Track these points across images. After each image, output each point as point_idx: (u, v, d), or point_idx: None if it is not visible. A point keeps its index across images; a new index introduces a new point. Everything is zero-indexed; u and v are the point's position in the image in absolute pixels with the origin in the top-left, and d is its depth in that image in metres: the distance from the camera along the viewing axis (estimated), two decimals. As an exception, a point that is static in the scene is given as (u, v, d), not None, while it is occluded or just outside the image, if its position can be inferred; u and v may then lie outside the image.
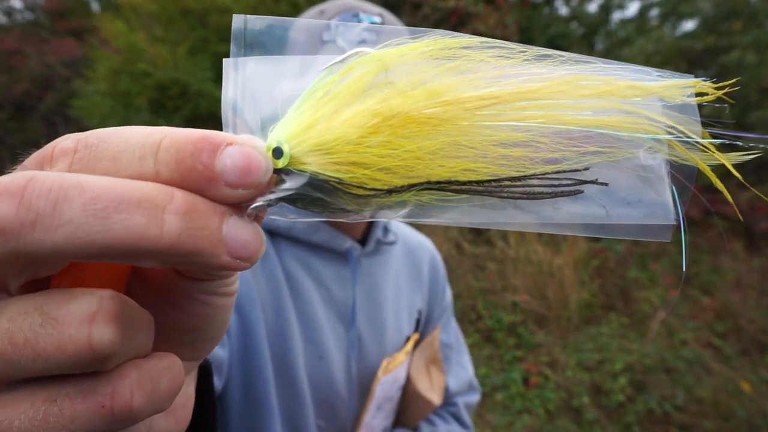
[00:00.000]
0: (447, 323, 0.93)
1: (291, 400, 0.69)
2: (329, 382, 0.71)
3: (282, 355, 0.68)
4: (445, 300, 0.92)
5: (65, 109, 5.67)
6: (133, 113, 4.19)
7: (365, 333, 0.75)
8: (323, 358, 0.71)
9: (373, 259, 0.78)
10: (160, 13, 4.27)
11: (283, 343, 0.69)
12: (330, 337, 0.72)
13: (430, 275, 0.88)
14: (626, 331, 3.19)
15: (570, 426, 2.53)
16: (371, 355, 0.75)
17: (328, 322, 0.72)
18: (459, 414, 0.88)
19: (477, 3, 4.85)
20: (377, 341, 0.75)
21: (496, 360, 3.04)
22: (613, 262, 3.74)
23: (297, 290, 0.71)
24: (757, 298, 3.22)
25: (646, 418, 2.57)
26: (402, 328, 0.80)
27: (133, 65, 4.12)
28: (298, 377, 0.69)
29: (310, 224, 0.72)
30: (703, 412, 2.51)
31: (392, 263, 0.81)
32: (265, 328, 0.68)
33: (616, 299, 3.59)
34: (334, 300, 0.73)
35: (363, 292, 0.75)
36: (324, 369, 0.71)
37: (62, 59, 5.59)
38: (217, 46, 4.22)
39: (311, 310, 0.71)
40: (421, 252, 0.87)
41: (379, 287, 0.77)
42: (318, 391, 0.71)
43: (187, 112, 4.24)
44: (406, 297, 0.82)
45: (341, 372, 0.72)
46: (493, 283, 3.60)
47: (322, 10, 0.65)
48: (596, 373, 2.79)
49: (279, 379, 0.69)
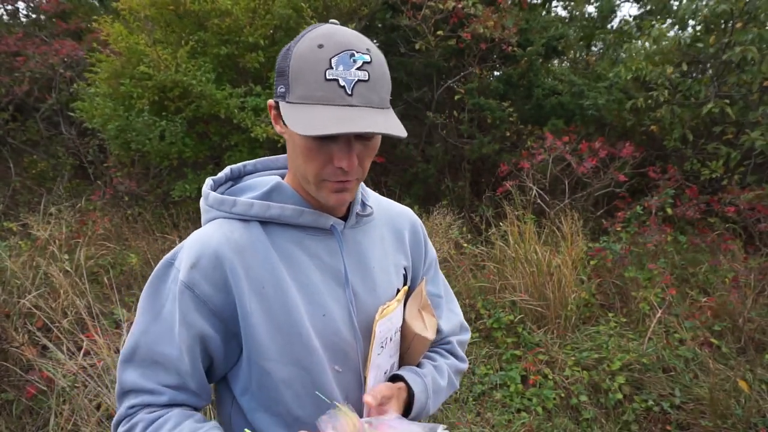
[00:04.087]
0: (434, 277, 1.06)
1: (306, 357, 0.82)
2: (336, 333, 0.84)
3: (290, 322, 0.81)
4: (428, 257, 1.05)
5: (67, 111, 5.69)
6: (135, 115, 4.21)
7: (359, 290, 0.88)
8: (326, 315, 0.84)
9: (357, 230, 0.91)
10: (157, 17, 4.29)
11: (288, 312, 0.81)
12: (329, 297, 0.85)
13: (410, 238, 1.01)
14: (624, 331, 3.20)
15: (568, 424, 2.55)
16: (368, 306, 0.88)
17: (325, 285, 0.85)
18: (454, 350, 1.04)
19: (476, 4, 4.87)
20: (371, 295, 0.89)
21: (494, 359, 3.06)
22: (610, 262, 3.75)
23: (293, 265, 0.83)
24: (754, 298, 3.24)
25: (644, 416, 2.59)
26: (391, 282, 0.93)
27: (134, 68, 4.14)
28: (307, 336, 0.81)
29: (295, 210, 0.83)
30: (700, 410, 2.52)
31: (376, 230, 0.95)
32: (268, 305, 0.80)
33: (614, 299, 3.60)
34: (327, 267, 0.85)
35: (351, 258, 0.88)
36: (329, 323, 0.84)
37: (64, 60, 5.61)
38: (218, 49, 4.24)
39: (309, 278, 0.83)
40: (401, 219, 1.01)
41: (365, 252, 0.91)
42: (328, 343, 0.84)
43: (189, 113, 4.26)
44: (391, 257, 0.96)
45: (345, 323, 0.85)
46: (492, 283, 3.61)
47: (320, 44, 0.72)
48: (594, 372, 2.80)
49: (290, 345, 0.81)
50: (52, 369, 2.42)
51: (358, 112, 0.70)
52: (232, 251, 0.80)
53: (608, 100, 5.13)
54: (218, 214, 0.84)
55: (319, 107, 0.70)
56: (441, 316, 1.03)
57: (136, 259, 3.83)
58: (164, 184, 5.02)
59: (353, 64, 0.70)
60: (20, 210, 4.89)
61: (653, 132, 5.09)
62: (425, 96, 5.56)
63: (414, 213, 1.06)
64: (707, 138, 4.85)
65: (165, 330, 0.79)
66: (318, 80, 0.70)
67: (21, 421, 2.48)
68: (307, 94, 0.71)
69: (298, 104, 0.72)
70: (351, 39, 0.73)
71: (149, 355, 0.80)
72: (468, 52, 5.26)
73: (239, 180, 0.92)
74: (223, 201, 0.84)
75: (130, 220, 4.73)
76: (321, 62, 0.70)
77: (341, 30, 0.74)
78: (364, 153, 0.78)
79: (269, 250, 0.82)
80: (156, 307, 0.81)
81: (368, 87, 0.72)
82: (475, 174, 5.70)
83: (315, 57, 0.71)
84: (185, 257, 0.80)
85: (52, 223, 4.15)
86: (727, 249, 3.91)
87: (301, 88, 0.72)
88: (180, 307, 0.78)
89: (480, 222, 4.62)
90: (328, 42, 0.71)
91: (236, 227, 0.82)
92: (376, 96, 0.73)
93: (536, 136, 5.17)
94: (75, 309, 2.88)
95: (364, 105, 0.71)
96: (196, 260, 0.79)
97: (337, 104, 0.70)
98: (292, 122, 0.71)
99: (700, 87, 4.68)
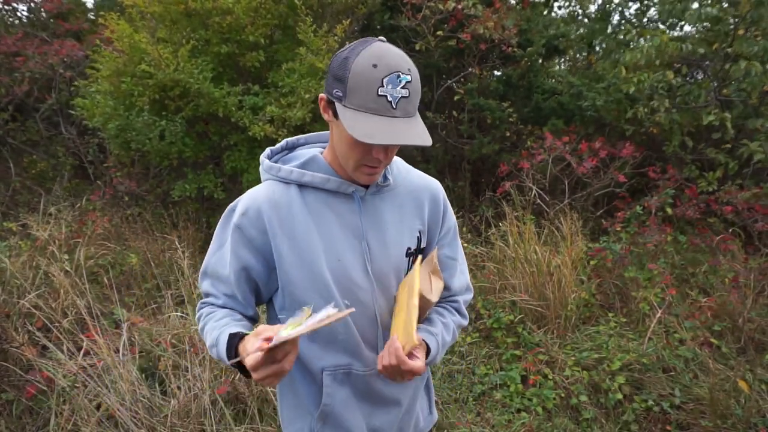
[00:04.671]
0: (452, 242, 1.24)
1: (322, 288, 1.06)
2: (348, 277, 1.07)
3: (311, 261, 1.05)
4: (446, 225, 1.22)
5: (67, 110, 5.69)
6: (135, 114, 4.21)
7: (373, 244, 1.09)
8: (341, 261, 1.06)
9: (377, 197, 1.11)
10: (164, 15, 4.29)
11: (311, 253, 1.05)
12: (346, 247, 1.07)
13: (429, 206, 1.18)
14: (624, 331, 3.20)
15: (568, 424, 2.55)
16: (379, 259, 1.10)
17: (343, 237, 1.07)
18: (460, 308, 1.23)
19: (476, 5, 4.87)
20: (382, 249, 1.10)
21: (494, 359, 3.06)
22: (610, 262, 3.75)
23: (319, 219, 1.06)
24: (754, 298, 3.24)
25: (644, 416, 2.59)
26: (402, 242, 1.13)
27: (135, 66, 4.14)
28: (323, 274, 1.05)
29: (323, 178, 1.06)
30: (700, 410, 2.52)
31: (398, 198, 1.14)
32: (296, 247, 1.05)
33: (614, 299, 3.60)
34: (348, 224, 1.08)
35: (369, 218, 1.09)
36: (343, 267, 1.07)
37: (64, 60, 5.61)
38: (219, 47, 4.24)
39: (330, 230, 1.07)
40: (423, 190, 1.18)
41: (382, 214, 1.11)
42: (340, 283, 1.07)
43: (188, 113, 4.26)
44: (408, 221, 1.14)
45: (358, 270, 1.08)
46: (491, 283, 3.61)
47: (375, 64, 0.90)
48: (594, 372, 2.80)
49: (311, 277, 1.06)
50: (52, 369, 2.42)
51: (399, 123, 0.91)
52: (271, 207, 1.05)
53: (607, 100, 5.13)
54: (268, 177, 1.10)
55: (370, 116, 0.90)
56: (453, 275, 1.22)
57: (136, 259, 3.83)
58: (164, 184, 5.02)
59: (399, 83, 0.90)
60: (20, 210, 4.89)
61: (653, 133, 5.09)
62: (425, 96, 5.56)
63: (439, 185, 1.22)
64: (707, 141, 4.84)
65: (223, 257, 1.10)
66: (372, 95, 0.90)
67: (21, 421, 2.48)
68: (362, 104, 0.91)
69: (354, 110, 0.91)
70: (399, 61, 0.92)
71: (213, 272, 1.12)
72: (468, 53, 5.26)
73: (293, 150, 1.17)
74: (271, 167, 1.10)
75: (130, 220, 4.73)
76: (375, 81, 0.89)
77: (391, 51, 0.92)
78: (393, 148, 1.00)
79: (302, 207, 1.06)
80: (221, 240, 1.11)
81: (408, 101, 0.92)
82: (475, 174, 5.70)
83: (371, 75, 0.90)
84: (240, 206, 1.08)
85: (52, 223, 4.15)
86: (727, 249, 3.91)
87: (358, 99, 0.91)
88: (232, 242, 1.07)
89: (480, 222, 4.62)
90: (380, 63, 0.90)
91: (278, 188, 1.07)
92: (412, 107, 0.94)
93: (536, 136, 5.17)
94: (75, 309, 2.88)
95: (404, 116, 0.92)
96: (246, 210, 1.06)
97: (384, 115, 0.91)
98: (350, 126, 0.90)
99: (699, 91, 4.67)
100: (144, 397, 2.32)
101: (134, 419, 2.23)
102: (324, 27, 4.44)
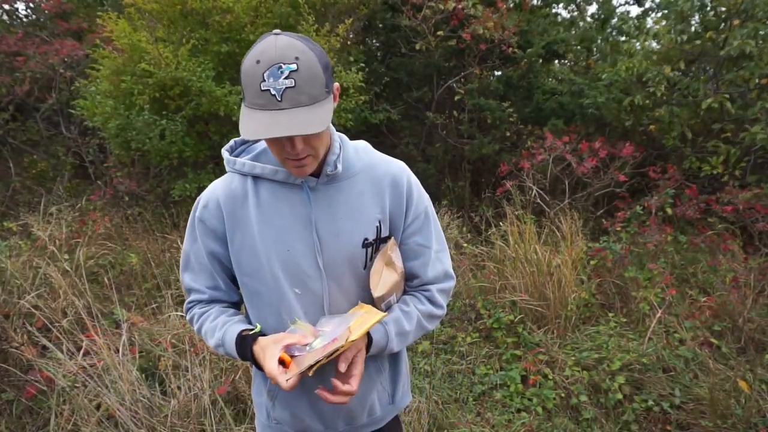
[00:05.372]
0: (423, 227, 1.19)
1: (270, 279, 1.10)
2: (297, 265, 1.09)
3: (260, 251, 1.09)
4: (413, 210, 1.17)
5: (67, 110, 5.69)
6: (135, 114, 4.21)
7: (323, 234, 1.09)
8: (290, 251, 1.09)
9: (330, 186, 1.10)
10: (161, 14, 4.29)
11: (262, 243, 1.09)
12: (295, 237, 1.09)
13: (390, 193, 1.14)
14: (624, 331, 3.20)
15: (568, 424, 2.55)
16: (330, 249, 1.10)
17: (293, 227, 1.09)
18: (432, 297, 1.20)
19: (476, 5, 4.87)
20: (334, 240, 1.10)
21: (494, 359, 3.05)
22: (611, 262, 3.75)
23: (270, 210, 1.09)
24: (754, 298, 3.24)
25: (644, 416, 2.58)
26: (358, 231, 1.11)
27: (135, 65, 4.14)
28: (271, 262, 1.09)
29: (272, 169, 1.08)
30: (700, 410, 2.52)
31: (356, 186, 1.12)
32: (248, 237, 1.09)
33: (614, 299, 3.60)
34: (298, 214, 1.09)
35: (319, 209, 1.10)
36: (292, 257, 1.09)
37: (64, 60, 5.61)
38: (219, 47, 4.24)
39: (281, 220, 1.09)
40: (384, 176, 1.15)
41: (334, 204, 1.10)
42: (289, 272, 1.09)
43: (189, 112, 4.26)
44: (366, 210, 1.12)
45: (308, 259, 1.09)
46: (492, 283, 3.61)
47: (258, 60, 0.90)
48: (594, 372, 2.80)
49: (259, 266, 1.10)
50: (52, 369, 2.42)
51: (283, 115, 0.89)
52: (227, 197, 1.11)
53: (608, 98, 5.13)
54: (228, 169, 1.14)
55: (258, 112, 0.91)
56: (427, 263, 1.19)
57: (136, 259, 3.82)
58: (164, 183, 5.02)
59: (281, 75, 0.88)
60: (20, 210, 4.89)
61: (653, 132, 5.09)
62: (425, 96, 5.56)
63: (403, 168, 1.18)
64: (706, 135, 4.85)
65: (198, 250, 1.16)
66: (256, 91, 0.90)
67: (21, 421, 2.48)
68: (252, 101, 0.91)
69: (247, 108, 0.93)
70: (283, 52, 0.89)
71: (192, 264, 1.18)
72: (468, 53, 5.26)
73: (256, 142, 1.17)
74: (228, 160, 1.13)
75: (130, 219, 4.73)
76: (257, 77, 0.89)
77: (278, 42, 0.90)
78: (307, 138, 0.96)
79: (254, 198, 1.09)
80: (192, 234, 1.17)
81: (296, 91, 0.89)
82: (475, 174, 5.70)
83: (254, 72, 0.90)
84: (201, 200, 1.14)
85: (52, 223, 4.15)
86: (727, 249, 3.91)
87: (248, 97, 0.92)
88: (200, 234, 1.14)
89: (480, 222, 4.62)
90: (263, 57, 0.89)
91: (236, 179, 1.12)
92: (305, 96, 0.90)
93: (536, 136, 5.17)
94: (75, 309, 2.88)
95: (293, 106, 0.90)
96: (207, 202, 1.13)
97: (271, 109, 0.90)
98: (240, 124, 0.92)
99: (698, 85, 4.68)
100: (144, 397, 2.32)
101: (134, 419, 2.23)
102: (326, 26, 4.44)
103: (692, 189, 4.44)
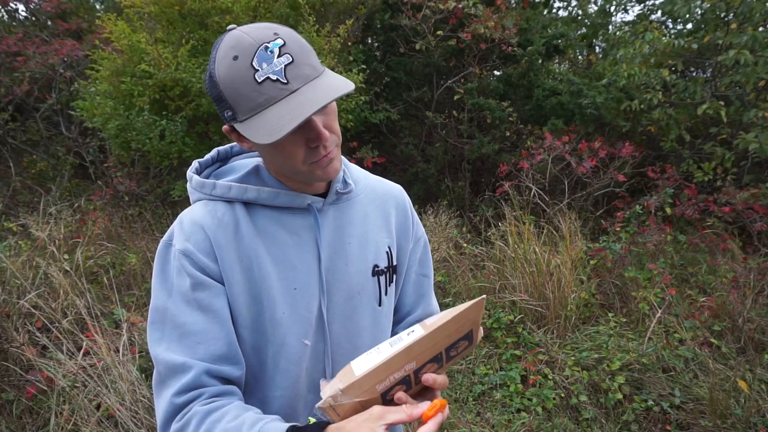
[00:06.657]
0: (424, 255, 1.08)
1: (270, 329, 0.87)
2: (307, 307, 0.89)
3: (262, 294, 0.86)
4: (416, 235, 1.06)
5: (67, 110, 5.69)
6: (135, 114, 4.21)
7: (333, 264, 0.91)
8: (298, 289, 0.88)
9: (337, 207, 0.93)
10: (160, 15, 4.29)
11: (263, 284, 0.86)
12: (303, 272, 0.89)
13: (397, 217, 1.02)
14: (624, 331, 3.20)
15: (568, 424, 2.55)
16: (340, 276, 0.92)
17: (300, 260, 0.88)
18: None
19: (476, 5, 4.87)
20: (344, 270, 0.92)
21: (494, 359, 3.06)
22: (610, 262, 3.76)
23: (272, 242, 0.87)
24: (754, 298, 3.24)
25: (643, 416, 2.59)
26: (367, 259, 0.95)
27: (135, 66, 4.14)
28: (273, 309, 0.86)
29: (271, 192, 0.87)
30: (700, 410, 2.52)
31: (360, 208, 0.96)
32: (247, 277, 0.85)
33: (613, 299, 3.60)
34: (305, 243, 0.89)
35: (328, 233, 0.91)
36: (301, 297, 0.88)
37: (64, 60, 5.61)
38: (218, 48, 4.24)
39: (285, 253, 0.88)
40: (388, 198, 1.03)
41: (344, 228, 0.93)
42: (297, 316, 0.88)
43: (189, 112, 4.26)
44: (374, 234, 0.97)
45: (316, 299, 0.89)
46: (491, 283, 3.61)
47: (234, 56, 0.74)
48: (594, 372, 2.80)
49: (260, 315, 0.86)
50: (52, 369, 2.42)
51: (302, 93, 0.73)
52: (215, 227, 0.85)
53: (607, 98, 5.13)
54: (201, 196, 0.89)
55: (268, 110, 0.73)
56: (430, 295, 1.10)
57: (135, 259, 3.83)
58: (164, 183, 5.02)
59: (272, 55, 0.73)
60: (20, 210, 4.89)
61: (652, 132, 5.10)
62: (425, 96, 5.56)
63: (402, 189, 1.08)
64: (705, 138, 4.86)
65: (178, 305, 0.82)
66: (253, 88, 0.73)
67: (21, 421, 2.49)
68: (251, 105, 0.74)
69: (250, 117, 0.75)
70: (259, 33, 0.75)
71: (180, 331, 0.82)
72: (468, 52, 5.26)
73: (227, 161, 0.96)
74: (203, 184, 0.88)
75: (130, 220, 4.73)
76: (245, 71, 0.73)
77: (244, 30, 0.76)
78: (327, 120, 0.80)
79: (250, 227, 0.86)
80: (167, 286, 0.84)
81: (297, 65, 0.74)
82: (475, 174, 5.70)
83: (238, 69, 0.73)
84: (178, 234, 0.85)
85: (52, 223, 4.15)
86: (726, 249, 3.91)
87: (245, 103, 0.75)
88: (181, 277, 0.83)
89: (479, 222, 4.62)
90: (239, 50, 0.74)
91: (219, 207, 0.87)
92: (308, 68, 0.75)
93: (536, 136, 5.17)
94: (75, 309, 2.88)
95: (303, 83, 0.74)
96: (189, 234, 0.84)
97: (281, 97, 0.73)
98: (254, 136, 0.74)
99: (695, 88, 4.69)
100: (144, 397, 2.32)
101: (134, 419, 2.23)
102: (326, 27, 4.44)
103: (691, 189, 4.44)
